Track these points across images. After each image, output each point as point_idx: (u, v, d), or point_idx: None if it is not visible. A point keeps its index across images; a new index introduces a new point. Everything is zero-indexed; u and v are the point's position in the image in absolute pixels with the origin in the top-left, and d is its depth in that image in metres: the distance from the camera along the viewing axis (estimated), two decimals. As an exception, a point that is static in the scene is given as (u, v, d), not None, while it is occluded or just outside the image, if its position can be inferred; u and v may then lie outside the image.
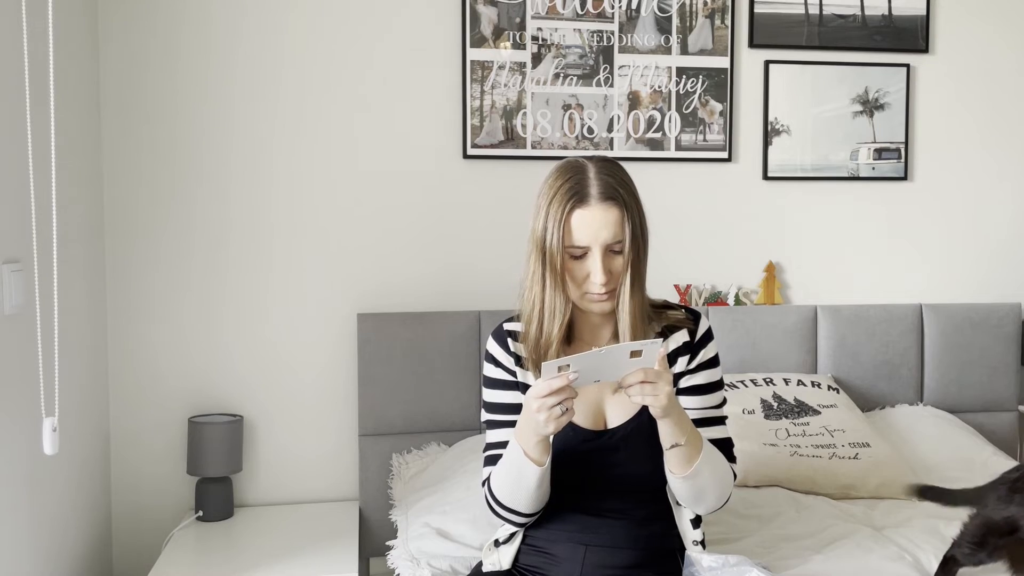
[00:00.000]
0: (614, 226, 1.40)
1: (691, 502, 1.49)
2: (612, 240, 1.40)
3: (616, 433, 1.50)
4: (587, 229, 1.40)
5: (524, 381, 1.52)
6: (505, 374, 1.54)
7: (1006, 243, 2.85)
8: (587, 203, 1.39)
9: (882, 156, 2.75)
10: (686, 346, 1.53)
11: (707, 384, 1.54)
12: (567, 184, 1.41)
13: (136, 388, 2.40)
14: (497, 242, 2.54)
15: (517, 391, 1.53)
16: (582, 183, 1.41)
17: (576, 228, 1.40)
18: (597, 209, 1.39)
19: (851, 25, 2.70)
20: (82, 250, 2.20)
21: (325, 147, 2.47)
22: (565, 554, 1.52)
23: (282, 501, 2.48)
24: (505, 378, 1.54)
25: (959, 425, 2.56)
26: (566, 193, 1.40)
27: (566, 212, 1.39)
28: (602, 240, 1.40)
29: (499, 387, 1.55)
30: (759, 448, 2.23)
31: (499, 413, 1.54)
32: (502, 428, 1.53)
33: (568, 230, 1.40)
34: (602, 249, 1.40)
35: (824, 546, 1.87)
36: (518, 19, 2.52)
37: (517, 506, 1.47)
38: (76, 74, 2.17)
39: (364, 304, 2.49)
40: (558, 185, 1.42)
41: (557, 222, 1.39)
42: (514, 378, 1.53)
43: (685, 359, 1.52)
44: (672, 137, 2.63)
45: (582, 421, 1.50)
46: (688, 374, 1.53)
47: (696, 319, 1.56)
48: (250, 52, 2.42)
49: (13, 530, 1.74)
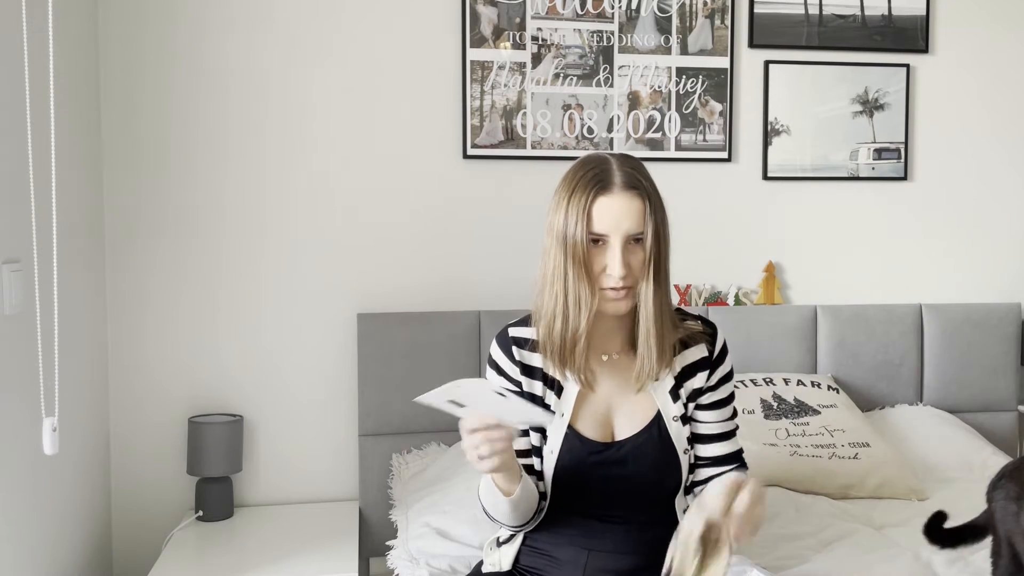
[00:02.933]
0: (636, 216, 1.36)
1: None
2: (633, 230, 1.36)
3: (624, 445, 1.47)
4: (609, 216, 1.35)
5: (530, 391, 1.46)
6: (508, 383, 1.49)
7: (1006, 243, 2.85)
8: (610, 190, 1.36)
9: (882, 156, 2.75)
10: (704, 361, 1.50)
11: (726, 398, 1.53)
12: (590, 173, 1.38)
13: (136, 388, 2.40)
14: (497, 242, 2.54)
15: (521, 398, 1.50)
16: (605, 172, 1.38)
17: (597, 216, 1.36)
18: (621, 197, 1.36)
19: (851, 25, 2.70)
20: (82, 250, 2.20)
21: (325, 147, 2.47)
22: (567, 557, 1.50)
23: (282, 501, 2.48)
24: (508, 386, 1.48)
25: (959, 425, 2.56)
26: (589, 181, 1.37)
27: (589, 199, 1.36)
28: (623, 230, 1.36)
29: None
30: (759, 448, 2.23)
31: None
32: None
33: (590, 218, 1.36)
34: (622, 240, 1.36)
35: (824, 546, 1.88)
36: (518, 19, 2.52)
37: (504, 520, 1.47)
38: (76, 74, 2.18)
39: (364, 304, 2.49)
40: (580, 175, 1.39)
41: (581, 210, 1.35)
42: (518, 388, 1.47)
43: (704, 375, 1.49)
44: (672, 137, 2.63)
45: (590, 432, 1.46)
46: (709, 391, 1.50)
47: (714, 332, 1.53)
48: (249, 52, 2.42)
49: (13, 530, 1.74)
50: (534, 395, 1.47)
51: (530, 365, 1.47)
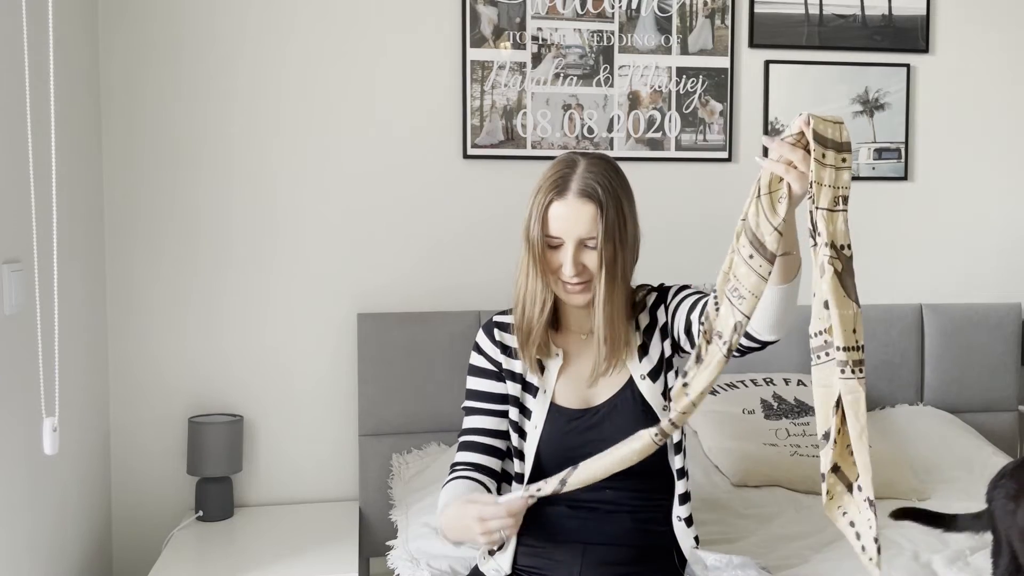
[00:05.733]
0: (588, 222, 1.44)
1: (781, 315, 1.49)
2: (585, 235, 1.44)
3: (600, 410, 1.53)
4: (562, 222, 1.45)
5: (510, 369, 1.56)
6: (488, 363, 1.59)
7: (1006, 243, 2.85)
8: (564, 197, 1.44)
9: (882, 156, 2.75)
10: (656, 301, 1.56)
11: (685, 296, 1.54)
12: (553, 176, 1.46)
13: (136, 388, 2.40)
14: (497, 242, 2.54)
15: (500, 381, 1.57)
16: (566, 177, 1.45)
17: (552, 220, 1.45)
18: (572, 204, 1.44)
19: (851, 25, 2.70)
20: (82, 250, 2.20)
21: (325, 146, 2.47)
22: (564, 554, 1.52)
23: (282, 501, 2.48)
24: (487, 367, 1.59)
25: (959, 425, 2.56)
26: (550, 185, 1.46)
27: (545, 203, 1.45)
28: (575, 234, 1.44)
29: (481, 375, 1.59)
30: (759, 448, 2.23)
31: (478, 401, 1.59)
32: (479, 415, 1.58)
33: (546, 220, 1.45)
34: (575, 243, 1.45)
35: (824, 546, 1.88)
36: (518, 19, 2.52)
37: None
38: (76, 74, 2.17)
39: (364, 304, 2.49)
40: (547, 176, 1.48)
41: (539, 212, 1.46)
42: (497, 368, 1.57)
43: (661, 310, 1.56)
44: (672, 137, 2.63)
45: (567, 402, 1.54)
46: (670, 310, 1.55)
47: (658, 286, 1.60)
48: (250, 52, 2.42)
49: (13, 530, 1.74)
50: (514, 372, 1.56)
51: (509, 346, 1.58)
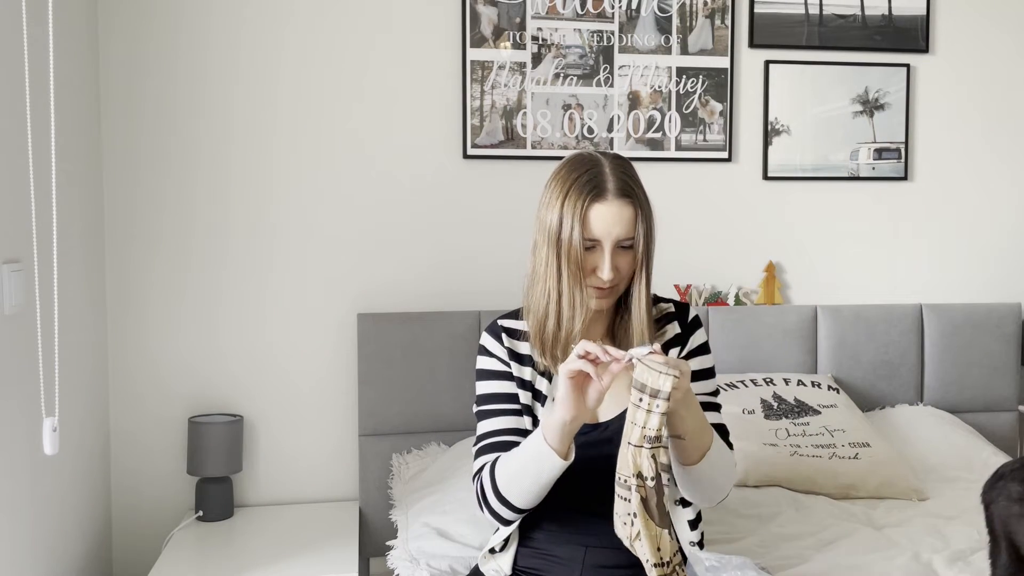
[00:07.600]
0: (628, 223, 1.41)
1: (693, 493, 1.48)
2: (624, 236, 1.41)
3: (610, 425, 1.50)
4: (602, 223, 1.40)
5: (520, 376, 1.52)
6: (498, 364, 1.53)
7: (1006, 243, 2.85)
8: (605, 198, 1.40)
9: (882, 156, 2.75)
10: (677, 337, 1.54)
11: (701, 371, 1.54)
12: (584, 177, 1.42)
13: (136, 388, 2.40)
14: (497, 242, 2.54)
15: (511, 382, 1.52)
16: (599, 177, 1.41)
17: (594, 221, 1.40)
18: (614, 205, 1.40)
19: (851, 25, 2.70)
20: (82, 250, 2.20)
21: (325, 147, 2.47)
22: (565, 555, 1.52)
23: (282, 501, 2.48)
24: (498, 368, 1.54)
25: (959, 425, 2.56)
26: (584, 186, 1.41)
27: (585, 205, 1.40)
28: (614, 236, 1.41)
29: (492, 377, 1.54)
30: (759, 448, 2.23)
31: (492, 403, 1.53)
32: (495, 417, 1.52)
33: (587, 222, 1.40)
34: (612, 244, 1.41)
35: (824, 546, 1.88)
36: (518, 19, 2.52)
37: (518, 500, 1.44)
38: (76, 74, 2.17)
39: (364, 304, 2.49)
40: (574, 177, 1.42)
41: (577, 214, 1.39)
42: (507, 368, 1.52)
43: (676, 350, 1.54)
44: (672, 137, 2.63)
45: None
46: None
47: (684, 309, 1.58)
48: (250, 52, 2.42)
49: (13, 530, 1.74)
50: (524, 380, 1.51)
51: (520, 353, 1.53)
